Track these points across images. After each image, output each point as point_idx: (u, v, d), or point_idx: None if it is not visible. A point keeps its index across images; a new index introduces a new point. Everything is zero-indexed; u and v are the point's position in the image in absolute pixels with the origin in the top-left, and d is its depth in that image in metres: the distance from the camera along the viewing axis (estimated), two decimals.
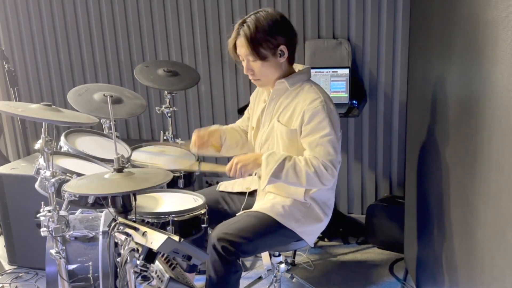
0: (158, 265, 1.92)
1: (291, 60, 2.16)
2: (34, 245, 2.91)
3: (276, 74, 2.14)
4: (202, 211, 2.18)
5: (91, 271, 2.23)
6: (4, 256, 3.16)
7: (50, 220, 2.07)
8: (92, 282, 2.23)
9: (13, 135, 4.08)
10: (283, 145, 2.14)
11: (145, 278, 1.94)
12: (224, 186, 2.44)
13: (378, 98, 3.28)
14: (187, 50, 3.54)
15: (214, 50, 3.49)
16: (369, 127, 3.34)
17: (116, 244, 1.87)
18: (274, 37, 2.06)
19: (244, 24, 2.07)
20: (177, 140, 3.00)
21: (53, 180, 2.05)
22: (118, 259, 1.81)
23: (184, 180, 2.53)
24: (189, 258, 1.74)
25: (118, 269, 1.81)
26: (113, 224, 1.81)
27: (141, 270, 1.76)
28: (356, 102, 3.11)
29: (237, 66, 3.48)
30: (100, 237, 2.25)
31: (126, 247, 1.76)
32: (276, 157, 2.05)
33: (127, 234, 1.76)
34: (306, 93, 2.11)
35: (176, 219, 2.12)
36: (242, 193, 2.40)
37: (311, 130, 2.06)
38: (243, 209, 2.28)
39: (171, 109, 2.99)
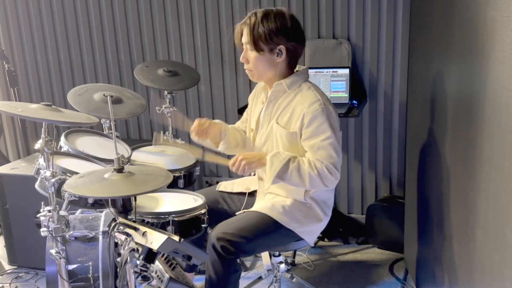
0: (158, 265, 1.92)
1: (291, 65, 2.16)
2: (34, 245, 2.91)
3: (269, 72, 2.14)
4: (202, 211, 2.19)
5: (91, 271, 2.23)
6: (4, 256, 3.16)
7: (50, 220, 2.07)
8: (92, 282, 2.23)
9: (13, 135, 4.08)
10: (283, 147, 2.15)
11: (145, 278, 1.94)
12: (224, 186, 2.44)
13: (378, 98, 3.28)
14: (187, 50, 3.54)
15: (214, 50, 3.49)
16: (369, 127, 3.34)
17: (116, 244, 1.88)
18: (277, 36, 2.07)
19: (254, 15, 2.10)
20: (177, 140, 3.00)
21: (53, 180, 2.04)
22: (118, 259, 1.81)
23: (184, 180, 2.53)
24: (189, 258, 1.74)
25: (118, 269, 1.81)
26: (113, 224, 1.81)
27: (141, 270, 1.76)
28: (356, 102, 3.11)
29: (237, 66, 3.48)
30: (100, 237, 2.25)
31: (126, 247, 1.76)
32: (281, 157, 2.06)
33: (127, 234, 1.76)
34: (304, 95, 2.11)
35: (176, 219, 2.12)
36: (242, 193, 2.40)
37: (311, 133, 2.07)
38: (242, 209, 2.28)
39: (171, 109, 2.99)
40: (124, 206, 1.84)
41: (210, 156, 2.28)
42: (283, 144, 2.14)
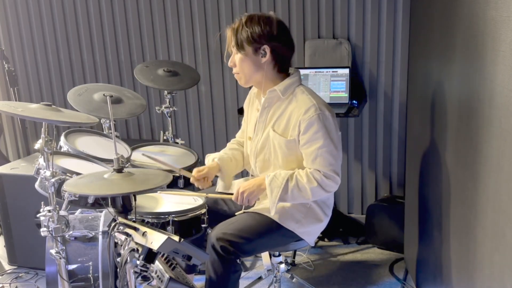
0: (158, 265, 1.92)
1: (280, 68, 2.14)
2: (34, 245, 2.91)
3: (256, 74, 2.13)
4: (202, 211, 2.19)
5: (91, 271, 2.23)
6: (4, 256, 3.16)
7: (50, 220, 2.08)
8: (92, 282, 2.23)
9: (13, 135, 4.08)
10: (282, 154, 2.14)
11: (145, 278, 1.94)
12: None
13: (378, 98, 3.28)
14: (187, 50, 3.54)
15: (214, 50, 3.49)
16: (369, 127, 3.34)
17: (116, 244, 1.88)
18: (259, 37, 2.07)
19: (239, 20, 2.12)
20: (177, 140, 3.00)
21: (53, 180, 2.05)
22: (118, 259, 1.81)
23: (184, 180, 2.53)
24: (189, 258, 1.74)
25: (118, 269, 1.81)
26: (113, 224, 1.81)
27: (141, 270, 1.76)
28: (356, 102, 3.11)
29: None
30: (100, 237, 2.25)
31: (126, 247, 1.76)
32: (278, 181, 2.07)
33: (127, 234, 1.76)
34: (299, 100, 2.10)
35: (176, 219, 2.12)
36: None
37: (308, 140, 2.07)
38: (242, 210, 2.28)
39: (171, 109, 2.99)
40: (124, 206, 1.84)
41: (213, 195, 2.33)
42: (282, 151, 2.14)
